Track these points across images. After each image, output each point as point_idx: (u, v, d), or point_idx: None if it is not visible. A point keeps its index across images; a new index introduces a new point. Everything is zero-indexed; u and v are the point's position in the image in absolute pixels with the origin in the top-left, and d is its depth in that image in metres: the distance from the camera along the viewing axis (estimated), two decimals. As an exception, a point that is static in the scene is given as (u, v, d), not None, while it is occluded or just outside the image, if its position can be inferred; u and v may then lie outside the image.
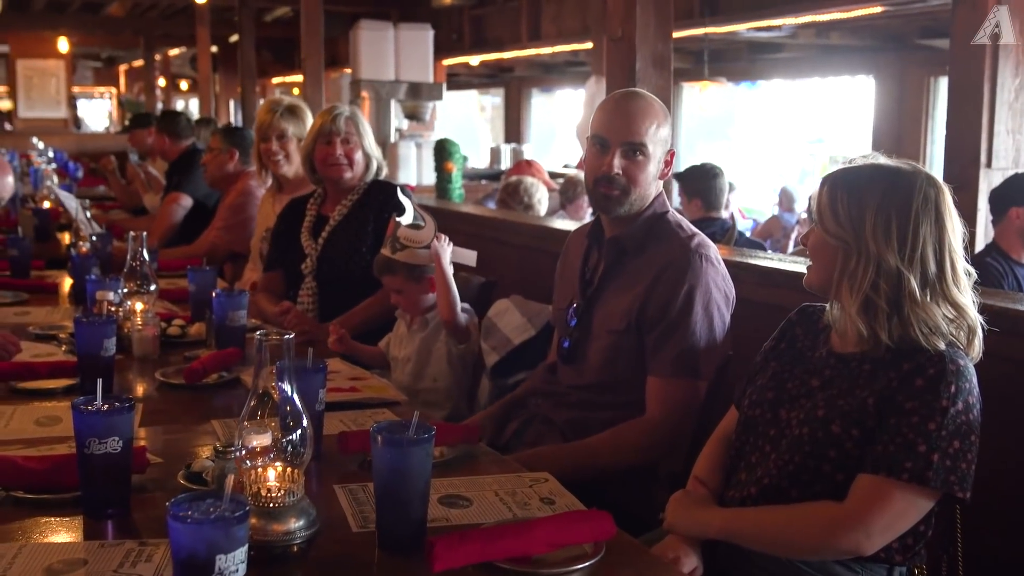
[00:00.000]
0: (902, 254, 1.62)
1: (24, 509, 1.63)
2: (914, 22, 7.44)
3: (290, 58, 15.77)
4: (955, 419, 1.58)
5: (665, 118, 2.29)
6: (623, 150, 2.23)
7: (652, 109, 2.27)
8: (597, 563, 1.47)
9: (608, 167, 2.23)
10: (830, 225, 1.67)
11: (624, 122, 2.24)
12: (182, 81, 23.67)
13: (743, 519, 1.72)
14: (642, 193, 2.27)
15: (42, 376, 2.39)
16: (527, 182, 5.27)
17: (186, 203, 5.18)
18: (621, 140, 2.23)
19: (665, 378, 2.18)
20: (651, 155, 2.25)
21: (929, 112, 8.33)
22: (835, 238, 1.67)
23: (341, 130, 3.31)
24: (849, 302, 1.65)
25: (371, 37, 6.82)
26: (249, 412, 1.46)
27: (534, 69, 13.05)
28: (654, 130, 2.24)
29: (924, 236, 1.62)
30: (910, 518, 1.61)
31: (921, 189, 1.63)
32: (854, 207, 1.64)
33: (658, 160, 2.27)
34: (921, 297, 1.61)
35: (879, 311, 1.63)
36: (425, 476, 1.50)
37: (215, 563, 1.16)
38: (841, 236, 1.66)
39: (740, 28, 7.34)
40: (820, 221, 1.70)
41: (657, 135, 2.25)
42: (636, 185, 2.24)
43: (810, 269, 1.76)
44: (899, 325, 1.63)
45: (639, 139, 2.23)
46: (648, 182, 2.27)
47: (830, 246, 1.68)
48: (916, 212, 1.62)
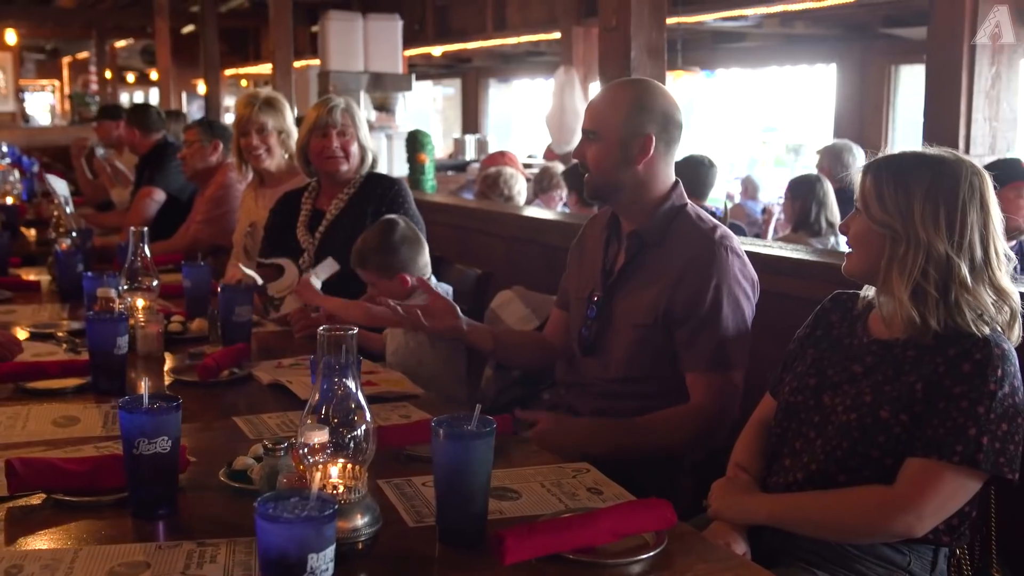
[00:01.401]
0: (951, 241, 1.64)
1: (68, 512, 1.59)
2: (878, 11, 7.54)
3: (244, 49, 15.60)
4: (1003, 402, 1.61)
5: (632, 102, 2.26)
6: (583, 137, 2.31)
7: (614, 95, 2.30)
8: (661, 552, 1.48)
9: (577, 152, 2.34)
10: (877, 213, 1.69)
11: (590, 110, 2.33)
12: (128, 73, 23.26)
13: (792, 504, 1.74)
14: (606, 179, 2.28)
15: (53, 375, 2.33)
16: (507, 173, 5.26)
17: (159, 197, 5.10)
18: (583, 128, 2.31)
19: (705, 372, 2.19)
20: (603, 138, 2.26)
21: (890, 100, 8.45)
22: (882, 226, 1.68)
23: (337, 122, 3.27)
24: (901, 289, 1.66)
25: (340, 28, 6.75)
26: (312, 407, 1.44)
27: (493, 60, 13.02)
28: (610, 114, 2.26)
29: (972, 223, 1.64)
30: (959, 500, 1.64)
31: (967, 177, 1.66)
32: (901, 195, 1.66)
33: (618, 144, 2.25)
34: (971, 283, 1.64)
35: (928, 297, 1.65)
36: (487, 469, 1.49)
37: (307, 562, 1.15)
38: (889, 224, 1.67)
39: (708, 18, 7.39)
40: (865, 209, 1.71)
41: (612, 119, 2.25)
42: (594, 170, 2.28)
43: (851, 257, 1.77)
44: (947, 311, 1.65)
45: (587, 125, 2.30)
46: (608, 167, 2.27)
47: (876, 234, 1.69)
48: (963, 200, 1.64)
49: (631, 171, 2.27)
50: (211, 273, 3.14)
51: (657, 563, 1.46)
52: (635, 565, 1.45)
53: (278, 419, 2.13)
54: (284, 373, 2.45)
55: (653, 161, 2.28)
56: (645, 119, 2.25)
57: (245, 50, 15.61)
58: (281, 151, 3.82)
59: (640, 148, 2.25)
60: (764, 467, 1.88)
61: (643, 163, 2.27)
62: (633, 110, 2.25)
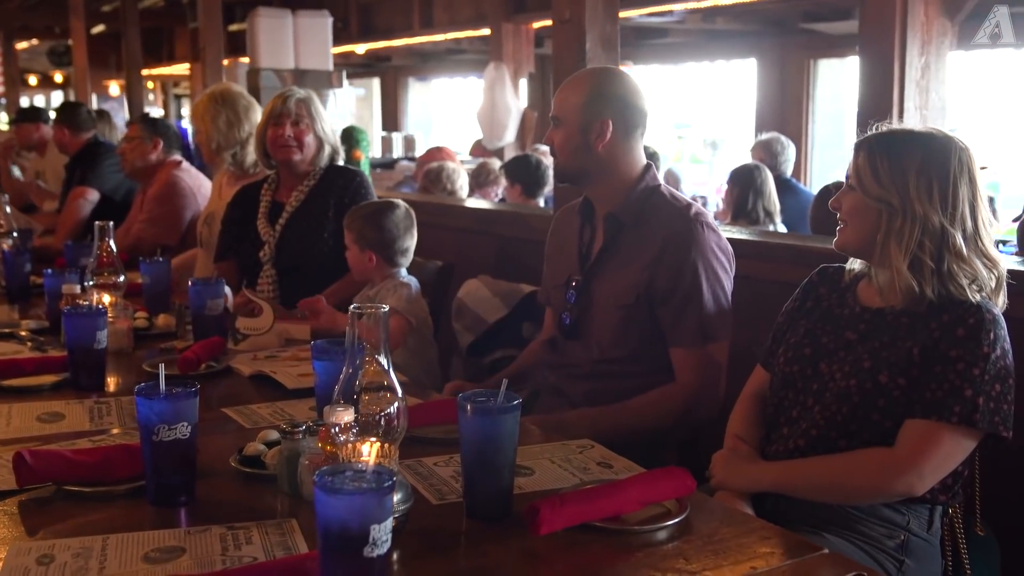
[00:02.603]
0: (945, 213, 1.72)
1: (82, 503, 1.57)
2: (797, 7, 7.74)
3: (158, 50, 15.25)
4: (995, 364, 1.69)
5: (591, 89, 2.34)
6: (552, 123, 2.40)
7: (576, 82, 2.38)
8: (685, 518, 1.52)
9: (547, 138, 2.42)
10: (871, 188, 1.75)
11: (554, 98, 2.42)
12: (31, 75, 22.55)
13: (796, 470, 1.80)
14: (570, 163, 2.37)
15: (28, 373, 2.28)
16: (449, 167, 5.27)
17: (93, 197, 4.98)
18: (551, 114, 2.40)
19: (689, 347, 2.25)
20: (565, 123, 2.35)
21: (810, 93, 8.67)
22: (878, 200, 1.75)
23: (291, 112, 3.25)
24: (899, 260, 1.73)
25: (269, 24, 6.64)
26: (344, 389, 1.44)
27: (412, 58, 12.97)
28: (571, 101, 2.35)
29: (963, 196, 1.72)
30: (957, 459, 1.72)
31: (956, 152, 1.74)
32: (896, 170, 1.73)
33: (578, 129, 2.33)
34: (965, 252, 1.72)
35: (924, 267, 1.72)
36: (514, 443, 1.51)
37: (369, 533, 1.15)
38: (884, 198, 1.74)
39: (635, 14, 7.49)
40: (860, 185, 1.77)
41: (572, 105, 2.34)
42: (560, 154, 2.38)
43: (844, 231, 1.83)
44: (941, 279, 1.73)
45: (553, 112, 2.39)
46: (570, 151, 2.35)
47: (872, 208, 1.76)
48: (954, 174, 1.72)
49: (592, 155, 2.34)
50: (169, 270, 3.10)
51: (682, 528, 1.50)
52: (662, 532, 1.49)
53: (269, 408, 2.12)
54: (265, 364, 2.43)
55: (612, 145, 2.34)
56: (603, 105, 2.33)
57: (159, 51, 15.26)
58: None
59: (598, 133, 2.32)
60: (762, 437, 1.94)
61: (602, 147, 2.33)
62: (591, 96, 2.33)
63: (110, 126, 6.21)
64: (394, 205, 2.97)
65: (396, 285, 2.87)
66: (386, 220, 2.90)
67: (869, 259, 1.82)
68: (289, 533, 1.44)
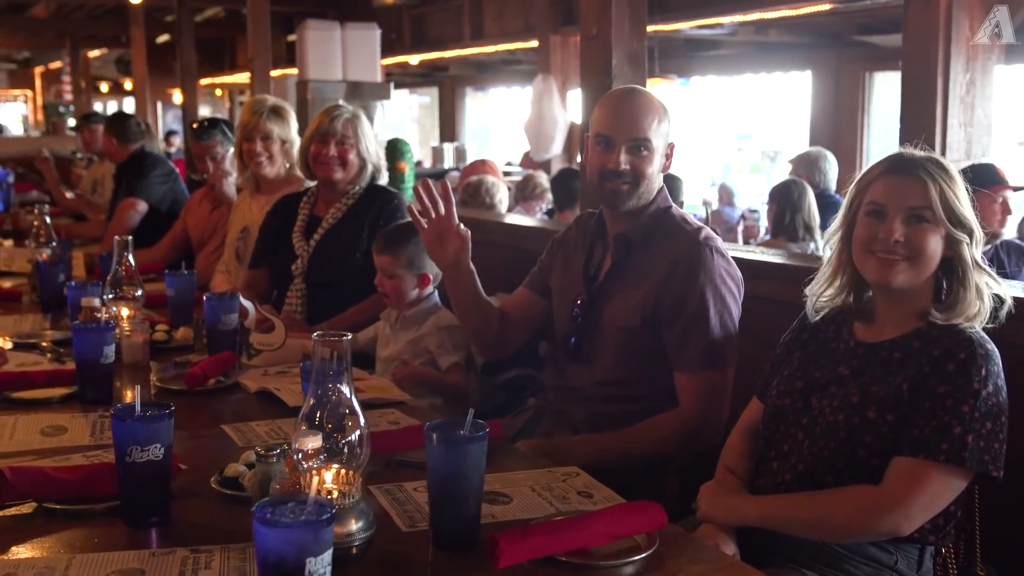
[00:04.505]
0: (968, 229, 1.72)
1: (59, 520, 1.60)
2: (852, 19, 7.62)
3: (220, 59, 15.54)
4: (987, 401, 1.63)
5: (665, 113, 2.33)
6: (628, 146, 2.27)
7: (652, 105, 2.30)
8: (653, 553, 1.49)
9: (615, 163, 2.26)
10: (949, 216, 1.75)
11: (627, 119, 2.28)
12: (102, 83, 23.13)
13: (781, 505, 1.76)
14: (649, 186, 2.31)
15: (39, 385, 2.33)
16: (488, 181, 5.27)
17: (142, 208, 5.10)
18: (626, 137, 2.27)
19: (694, 373, 2.21)
20: (655, 149, 2.29)
21: (865, 107, 8.53)
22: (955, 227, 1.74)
23: (337, 132, 3.26)
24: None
25: (318, 37, 6.75)
26: (306, 414, 1.44)
27: (469, 68, 13.05)
28: (656, 125, 2.28)
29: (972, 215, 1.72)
30: (946, 498, 1.67)
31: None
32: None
33: (660, 154, 2.31)
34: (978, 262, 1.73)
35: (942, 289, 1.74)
36: (480, 473, 1.50)
37: (305, 567, 1.15)
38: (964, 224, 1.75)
39: (684, 26, 7.44)
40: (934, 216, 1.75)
41: (659, 130, 2.29)
42: (643, 178, 2.28)
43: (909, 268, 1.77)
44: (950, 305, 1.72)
45: (643, 135, 2.27)
46: (654, 175, 2.30)
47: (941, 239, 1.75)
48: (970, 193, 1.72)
49: (658, 179, 2.34)
50: (194, 282, 3.14)
51: (649, 564, 1.48)
52: (628, 567, 1.47)
53: (267, 426, 2.13)
54: (271, 381, 2.45)
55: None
56: (670, 128, 2.34)
57: (221, 59, 15.56)
58: (282, 160, 3.81)
59: (669, 156, 2.34)
60: (752, 469, 1.90)
61: (664, 171, 2.34)
62: (666, 120, 2.32)
63: (152, 138, 6.33)
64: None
65: (437, 321, 2.81)
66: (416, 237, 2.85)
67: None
68: (250, 559, 1.44)
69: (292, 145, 3.79)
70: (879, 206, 1.75)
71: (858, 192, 1.81)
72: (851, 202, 1.82)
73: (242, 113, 3.95)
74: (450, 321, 2.77)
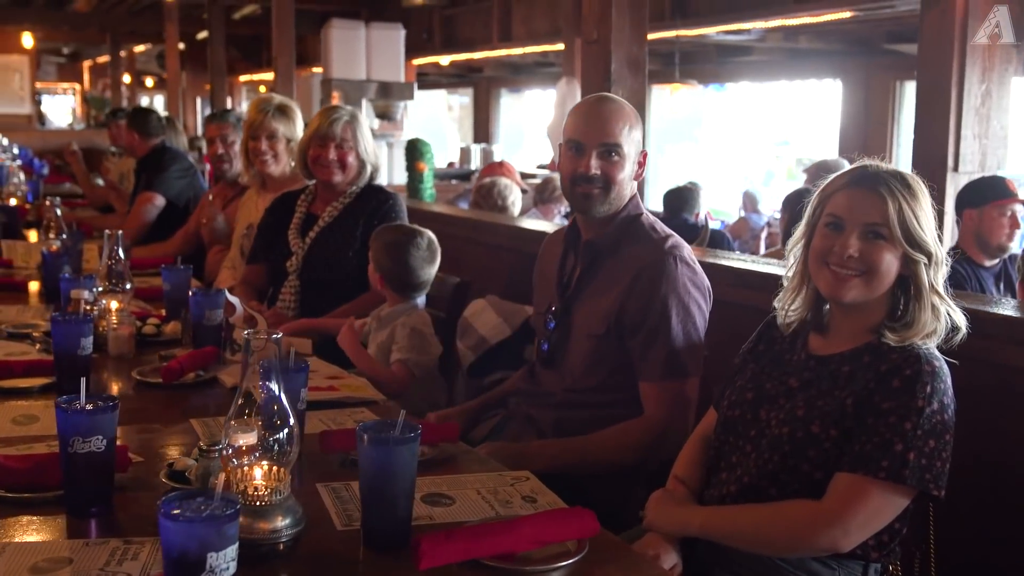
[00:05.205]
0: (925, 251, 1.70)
1: (6, 508, 1.62)
2: (881, 27, 7.54)
3: (258, 56, 15.70)
4: (931, 419, 1.61)
5: (637, 120, 2.33)
6: (599, 151, 2.27)
7: (624, 112, 2.30)
8: (580, 560, 1.49)
9: (586, 167, 2.26)
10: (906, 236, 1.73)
11: (598, 125, 2.28)
12: (147, 78, 23.46)
13: (722, 517, 1.75)
14: (620, 192, 2.30)
15: (18, 375, 2.37)
16: (501, 183, 5.28)
17: (159, 203, 5.15)
18: (597, 142, 2.27)
19: (657, 382, 2.21)
20: (626, 155, 2.28)
21: (895, 116, 8.44)
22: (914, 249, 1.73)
23: (337, 135, 3.29)
24: None
25: (342, 36, 6.81)
26: (236, 411, 1.46)
27: (503, 69, 13.07)
28: (627, 132, 2.28)
29: (935, 232, 1.71)
30: (886, 516, 1.65)
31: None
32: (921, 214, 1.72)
33: (632, 160, 2.31)
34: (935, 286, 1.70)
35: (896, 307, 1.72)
36: (411, 475, 1.51)
37: (206, 561, 1.17)
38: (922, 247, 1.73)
39: (710, 31, 7.40)
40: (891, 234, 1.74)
41: (631, 136, 2.29)
42: (614, 183, 2.28)
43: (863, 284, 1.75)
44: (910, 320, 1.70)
45: (614, 140, 2.27)
46: (625, 182, 2.30)
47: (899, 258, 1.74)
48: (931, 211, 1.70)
49: (631, 186, 2.34)
50: (190, 276, 3.18)
51: (574, 572, 1.48)
52: (553, 573, 1.47)
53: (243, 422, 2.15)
54: (258, 377, 2.47)
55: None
56: (642, 136, 2.35)
57: (259, 56, 15.71)
58: (287, 158, 3.85)
59: (641, 164, 2.34)
60: (703, 480, 1.89)
61: (637, 178, 2.35)
62: (637, 127, 2.33)
63: (176, 132, 6.41)
64: (416, 237, 2.94)
65: (405, 321, 2.85)
66: (403, 254, 2.89)
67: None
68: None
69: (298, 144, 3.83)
70: (837, 219, 1.73)
71: (820, 202, 1.80)
72: (813, 211, 1.81)
73: (248, 111, 4.00)
74: (416, 323, 2.80)
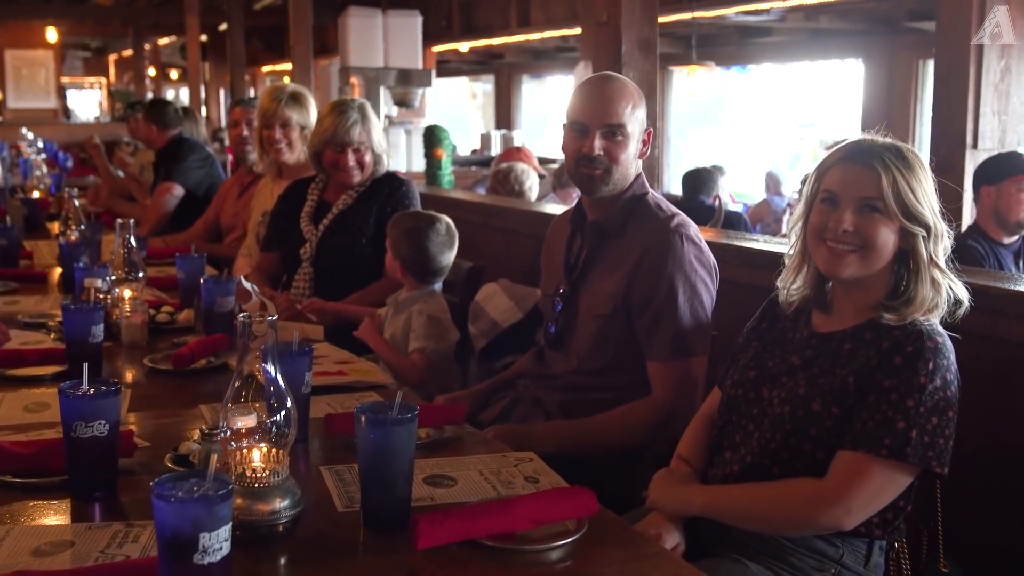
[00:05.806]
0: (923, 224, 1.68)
1: (12, 493, 1.64)
2: (903, 5, 7.45)
3: (280, 46, 15.73)
4: (933, 395, 1.60)
5: (640, 99, 2.31)
6: (602, 132, 2.25)
7: (627, 91, 2.29)
8: (579, 539, 1.49)
9: (589, 148, 2.25)
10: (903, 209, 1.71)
11: (600, 105, 2.26)
12: (172, 70, 23.57)
13: (725, 496, 1.75)
14: (624, 172, 2.29)
15: (31, 363, 2.40)
16: (518, 168, 5.27)
17: (178, 192, 5.20)
18: (600, 123, 2.25)
19: (664, 361, 2.20)
20: (629, 135, 2.27)
21: (918, 95, 8.34)
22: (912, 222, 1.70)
23: (354, 141, 3.27)
24: None
25: (360, 24, 6.81)
26: (234, 394, 1.47)
27: (524, 55, 13.03)
28: (630, 111, 2.27)
29: (934, 205, 1.69)
30: (889, 494, 1.63)
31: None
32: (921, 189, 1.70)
33: (636, 140, 2.30)
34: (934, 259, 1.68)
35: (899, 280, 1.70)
36: (408, 456, 1.51)
37: (199, 541, 1.18)
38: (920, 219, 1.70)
39: (728, 12, 7.34)
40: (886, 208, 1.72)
41: (634, 116, 2.27)
42: (617, 164, 2.27)
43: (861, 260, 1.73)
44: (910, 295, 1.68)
45: (617, 120, 2.25)
46: (629, 161, 2.29)
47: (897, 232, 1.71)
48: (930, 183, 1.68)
49: (635, 165, 2.32)
50: (204, 264, 3.20)
51: (573, 550, 1.48)
52: (551, 552, 1.47)
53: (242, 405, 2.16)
54: (257, 361, 2.49)
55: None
56: (645, 115, 2.32)
57: (282, 47, 15.75)
58: (302, 146, 3.86)
59: (646, 143, 2.32)
60: (707, 459, 1.89)
61: (642, 157, 2.33)
62: (641, 106, 2.30)
63: (195, 123, 6.44)
64: (434, 222, 2.94)
65: (422, 308, 2.85)
66: (423, 239, 2.89)
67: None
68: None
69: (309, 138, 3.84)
70: (832, 194, 1.71)
71: (817, 178, 1.78)
72: (810, 188, 1.79)
73: (261, 100, 4.01)
74: (434, 311, 2.80)
